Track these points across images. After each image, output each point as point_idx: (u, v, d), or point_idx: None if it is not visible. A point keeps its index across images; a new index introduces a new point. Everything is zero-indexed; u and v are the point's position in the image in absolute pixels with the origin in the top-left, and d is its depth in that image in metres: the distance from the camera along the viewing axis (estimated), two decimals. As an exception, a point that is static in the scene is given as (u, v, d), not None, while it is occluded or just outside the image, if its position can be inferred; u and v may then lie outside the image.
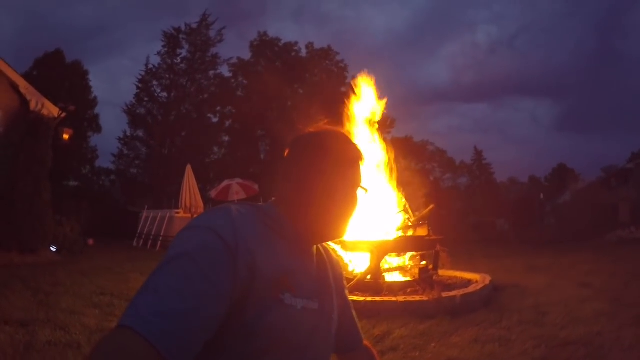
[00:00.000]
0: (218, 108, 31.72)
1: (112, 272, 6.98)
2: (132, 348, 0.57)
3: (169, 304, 0.62)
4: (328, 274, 0.96)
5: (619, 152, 60.44)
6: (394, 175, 6.74)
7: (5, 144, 8.08)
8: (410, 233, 6.23)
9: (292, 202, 0.88)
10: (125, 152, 29.91)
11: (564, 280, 6.45)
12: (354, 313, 1.08)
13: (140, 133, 30.12)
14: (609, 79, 74.22)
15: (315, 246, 0.95)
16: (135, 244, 14.71)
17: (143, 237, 14.85)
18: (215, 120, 32.08)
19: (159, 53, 30.72)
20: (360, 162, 0.94)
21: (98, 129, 28.52)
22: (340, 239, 0.92)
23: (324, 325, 0.89)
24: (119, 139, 29.73)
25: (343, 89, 28.82)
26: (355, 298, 4.59)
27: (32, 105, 8.35)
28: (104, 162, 31.10)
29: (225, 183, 12.61)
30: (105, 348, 0.58)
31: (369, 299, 4.61)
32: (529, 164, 68.80)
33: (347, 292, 1.08)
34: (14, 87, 8.17)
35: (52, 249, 8.44)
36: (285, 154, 0.93)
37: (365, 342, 1.11)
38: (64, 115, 8.88)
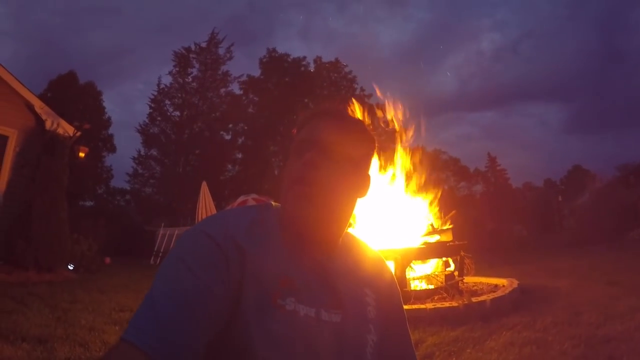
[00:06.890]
0: (230, 125, 31.99)
1: (130, 289, 6.88)
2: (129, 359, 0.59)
3: (160, 308, 0.63)
4: (359, 285, 0.84)
5: (633, 149, 59.36)
6: (418, 183, 6.67)
7: (22, 163, 8.14)
8: (434, 239, 6.12)
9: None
10: (140, 171, 30.23)
11: (591, 281, 6.25)
12: (408, 333, 0.92)
13: (154, 152, 30.46)
14: (615, 78, 73.51)
15: (336, 254, 0.83)
16: (152, 262, 14.63)
17: (160, 254, 14.79)
18: (228, 137, 32.36)
19: (170, 73, 31.31)
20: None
21: (112, 148, 29.06)
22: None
23: (352, 343, 0.77)
24: (133, 159, 30.12)
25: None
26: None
27: (48, 125, 8.43)
28: (119, 182, 31.54)
29: (241, 199, 12.33)
30: None
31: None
32: (543, 168, 68.02)
33: (401, 309, 0.93)
34: (30, 107, 8.26)
35: (69, 267, 8.44)
36: None
37: None
38: (79, 133, 8.95)
